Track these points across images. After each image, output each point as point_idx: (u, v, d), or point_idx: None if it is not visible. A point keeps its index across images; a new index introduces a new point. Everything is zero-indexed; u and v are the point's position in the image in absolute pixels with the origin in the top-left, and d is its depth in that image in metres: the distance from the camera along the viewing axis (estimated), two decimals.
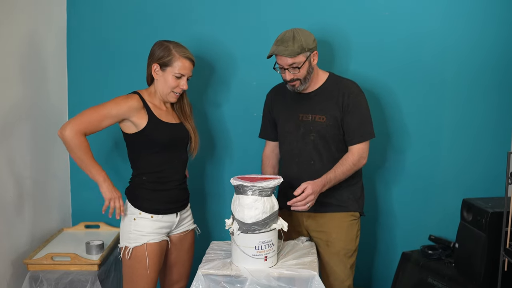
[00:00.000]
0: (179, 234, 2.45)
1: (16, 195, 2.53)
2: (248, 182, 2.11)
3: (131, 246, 2.29)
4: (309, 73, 2.37)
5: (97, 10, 2.95)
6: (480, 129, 2.97)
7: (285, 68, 2.34)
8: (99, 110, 2.21)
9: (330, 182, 2.33)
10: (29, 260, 2.48)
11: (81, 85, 3.02)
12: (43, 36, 2.78)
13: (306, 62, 2.33)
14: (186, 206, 2.46)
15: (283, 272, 2.11)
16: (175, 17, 2.94)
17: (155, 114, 2.30)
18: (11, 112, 2.50)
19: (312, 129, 2.44)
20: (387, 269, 3.06)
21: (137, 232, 2.28)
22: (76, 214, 3.10)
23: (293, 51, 2.27)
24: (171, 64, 2.28)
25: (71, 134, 2.15)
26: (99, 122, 2.20)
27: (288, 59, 2.30)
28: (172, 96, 2.34)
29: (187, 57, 2.30)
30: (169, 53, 2.28)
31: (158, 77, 2.31)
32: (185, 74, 2.31)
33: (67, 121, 2.19)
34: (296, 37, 2.29)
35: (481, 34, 2.88)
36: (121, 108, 2.23)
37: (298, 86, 2.39)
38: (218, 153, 3.05)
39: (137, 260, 2.28)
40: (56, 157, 2.95)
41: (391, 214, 3.05)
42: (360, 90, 2.45)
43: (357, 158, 2.40)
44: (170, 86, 2.30)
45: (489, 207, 2.49)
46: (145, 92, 2.36)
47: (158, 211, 2.32)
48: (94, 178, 2.23)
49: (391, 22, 2.88)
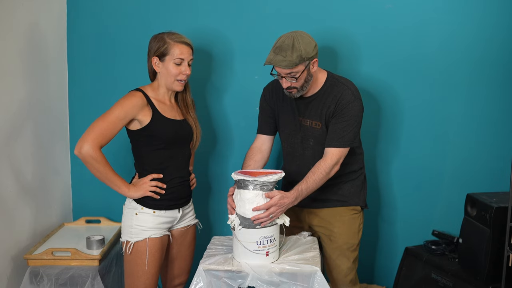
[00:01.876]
0: (181, 229, 2.43)
1: (16, 191, 2.52)
2: (249, 177, 2.09)
3: (132, 241, 2.27)
4: (307, 81, 2.29)
5: (98, 3, 2.93)
6: (485, 123, 2.94)
7: (283, 76, 2.26)
8: (107, 118, 2.17)
9: (302, 194, 2.23)
10: (29, 255, 2.46)
11: (82, 79, 3.00)
12: (43, 30, 2.76)
13: (304, 72, 2.24)
14: (188, 202, 2.45)
15: (285, 268, 2.09)
16: (177, 9, 2.92)
17: (159, 111, 2.28)
18: (12, 108, 2.49)
19: (310, 134, 2.41)
20: (390, 264, 3.04)
21: (138, 227, 2.27)
22: (77, 209, 3.09)
23: (291, 62, 2.16)
24: (169, 52, 2.25)
25: (89, 151, 2.12)
26: (112, 130, 2.18)
27: (286, 70, 2.21)
28: (177, 85, 2.30)
29: (182, 41, 2.27)
30: (164, 42, 2.25)
31: (160, 69, 2.29)
32: (184, 59, 2.27)
33: (81, 139, 2.14)
34: (295, 46, 2.17)
35: (482, 25, 2.84)
36: (128, 109, 2.20)
37: (295, 93, 2.31)
38: (220, 148, 3.03)
39: (138, 255, 2.27)
40: (57, 152, 2.93)
41: (394, 208, 3.03)
42: (354, 97, 2.32)
43: (330, 165, 2.27)
44: (172, 74, 2.27)
45: (494, 202, 2.46)
46: (148, 88, 2.32)
47: (161, 207, 2.30)
48: (119, 190, 2.23)
49: (393, 15, 2.85)
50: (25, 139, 2.60)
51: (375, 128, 2.95)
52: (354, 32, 2.87)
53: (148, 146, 2.29)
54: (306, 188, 2.24)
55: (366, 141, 2.64)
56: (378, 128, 2.96)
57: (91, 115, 2.91)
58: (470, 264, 2.56)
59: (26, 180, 2.61)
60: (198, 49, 2.88)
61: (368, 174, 2.78)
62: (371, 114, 2.88)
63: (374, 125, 2.93)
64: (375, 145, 2.97)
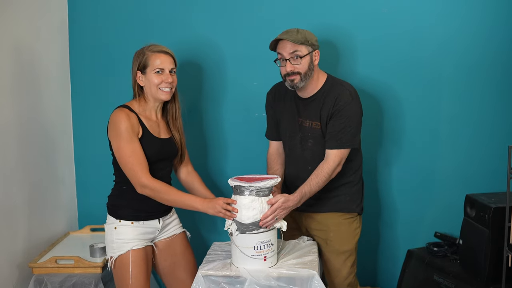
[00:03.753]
0: (165, 239, 2.40)
1: (22, 201, 2.57)
2: (245, 183, 2.12)
3: (115, 255, 2.25)
4: (310, 70, 2.33)
5: (98, 15, 2.98)
6: (484, 124, 2.94)
7: (286, 59, 2.31)
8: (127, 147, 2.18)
9: (305, 196, 2.28)
10: (34, 263, 2.51)
11: (85, 91, 3.05)
12: (45, 43, 2.82)
13: (308, 56, 2.31)
14: (168, 212, 2.41)
15: (283, 272, 2.11)
16: (175, 19, 2.95)
17: (148, 128, 2.27)
18: (17, 118, 2.54)
19: (310, 135, 2.42)
20: (393, 267, 3.04)
21: (119, 241, 2.25)
22: (83, 217, 3.13)
23: (297, 38, 2.27)
24: (148, 63, 2.25)
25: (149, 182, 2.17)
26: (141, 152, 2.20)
27: (291, 46, 2.29)
28: (162, 93, 2.27)
29: (160, 50, 2.27)
30: (143, 54, 2.26)
31: (144, 83, 2.28)
32: (164, 68, 2.26)
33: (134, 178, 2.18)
34: (300, 31, 2.31)
35: (479, 28, 2.85)
36: (131, 128, 2.20)
37: (297, 82, 2.33)
38: (219, 154, 3.05)
39: (124, 268, 2.24)
40: (62, 162, 2.98)
41: (395, 211, 3.03)
42: (352, 98, 2.35)
43: (332, 167, 2.31)
44: (154, 84, 2.25)
45: (492, 202, 2.46)
46: (134, 103, 2.30)
47: (139, 218, 2.28)
48: (193, 207, 2.22)
49: (389, 18, 2.86)
50: (30, 150, 2.65)
51: (375, 131, 2.96)
52: (351, 37, 2.89)
53: None
54: (309, 190, 2.29)
55: (366, 144, 2.65)
56: (378, 131, 2.97)
57: (94, 125, 3.00)
58: (471, 265, 2.55)
59: (31, 191, 2.65)
60: (196, 56, 2.92)
61: (368, 177, 2.79)
62: (371, 116, 2.88)
63: (373, 128, 2.94)
64: (375, 148, 2.97)
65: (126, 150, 2.18)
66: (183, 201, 2.21)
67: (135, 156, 2.18)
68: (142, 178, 2.17)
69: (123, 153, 2.19)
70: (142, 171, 2.18)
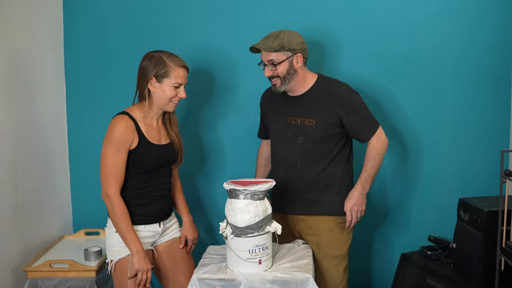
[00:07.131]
0: (165, 243, 2.41)
1: (16, 204, 2.57)
2: (240, 186, 2.12)
3: (116, 259, 2.26)
4: (290, 74, 2.37)
5: (94, 18, 2.99)
6: (479, 128, 2.98)
7: (265, 64, 2.38)
8: (111, 156, 2.19)
9: (367, 180, 2.43)
10: (28, 267, 2.50)
11: (80, 94, 3.05)
12: (40, 46, 2.82)
13: (285, 62, 2.35)
14: (169, 216, 2.43)
15: (277, 275, 2.11)
16: (169, 23, 2.96)
17: (146, 136, 2.27)
18: (12, 122, 2.54)
19: (301, 132, 2.44)
20: (387, 270, 3.06)
21: (120, 244, 2.25)
22: (77, 221, 3.12)
23: (270, 47, 2.31)
24: (168, 75, 2.23)
25: (114, 196, 2.19)
26: (122, 166, 2.21)
27: (266, 54, 2.35)
28: (171, 106, 2.30)
29: (183, 65, 2.28)
30: (164, 64, 2.23)
31: (155, 90, 2.26)
32: (182, 83, 2.28)
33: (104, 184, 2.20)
34: (279, 36, 2.33)
35: (475, 32, 2.89)
36: (123, 138, 2.20)
37: (278, 86, 2.40)
38: (214, 158, 3.06)
39: (124, 271, 2.24)
40: (56, 166, 2.98)
41: (388, 215, 3.05)
42: (350, 90, 2.45)
43: (379, 147, 2.42)
44: (168, 96, 2.26)
45: (485, 206, 2.48)
46: (135, 109, 2.29)
47: (140, 222, 2.29)
48: (128, 246, 2.21)
49: (384, 22, 2.90)
50: (25, 154, 2.65)
51: None
52: (346, 42, 2.92)
53: (129, 169, 2.25)
54: (367, 175, 2.44)
55: (360, 147, 2.66)
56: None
57: (89, 129, 2.99)
58: (464, 269, 2.57)
59: (26, 195, 2.65)
60: (192, 61, 2.92)
61: None
62: None
63: None
64: None
65: (109, 158, 2.20)
66: (125, 235, 2.20)
67: (114, 167, 2.20)
68: (111, 189, 2.19)
69: (105, 159, 2.21)
70: (113, 183, 2.19)
